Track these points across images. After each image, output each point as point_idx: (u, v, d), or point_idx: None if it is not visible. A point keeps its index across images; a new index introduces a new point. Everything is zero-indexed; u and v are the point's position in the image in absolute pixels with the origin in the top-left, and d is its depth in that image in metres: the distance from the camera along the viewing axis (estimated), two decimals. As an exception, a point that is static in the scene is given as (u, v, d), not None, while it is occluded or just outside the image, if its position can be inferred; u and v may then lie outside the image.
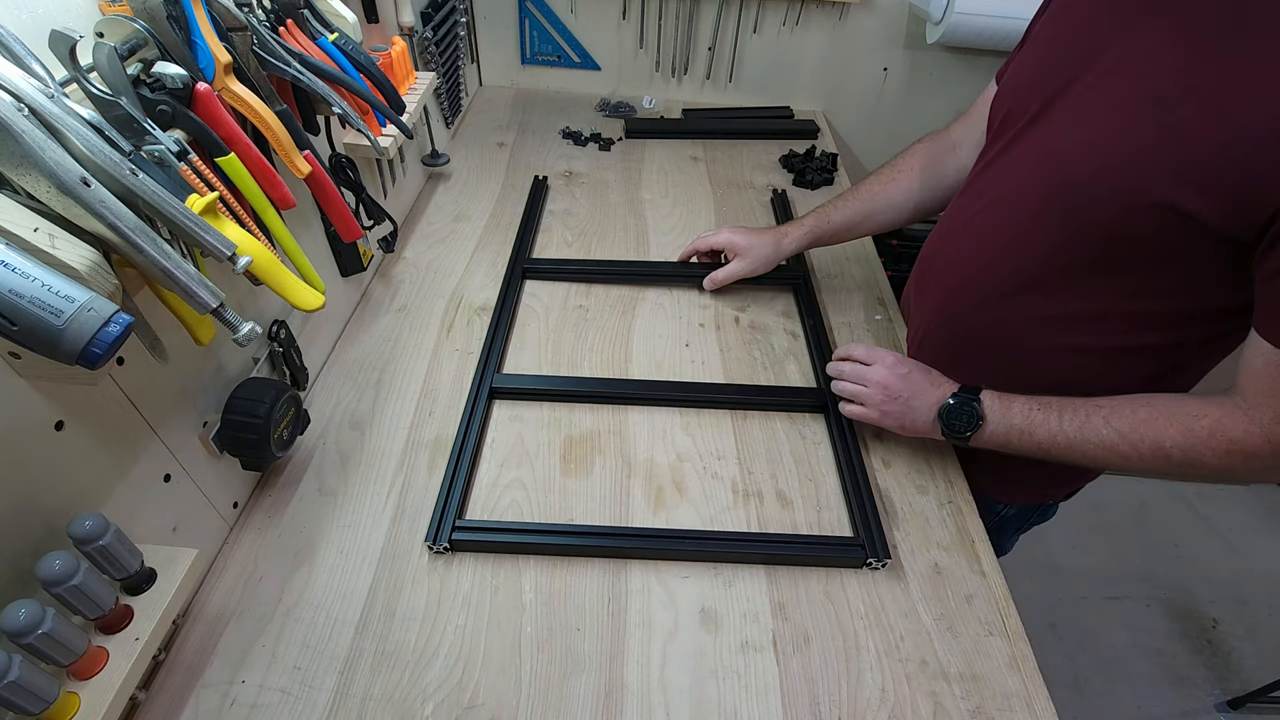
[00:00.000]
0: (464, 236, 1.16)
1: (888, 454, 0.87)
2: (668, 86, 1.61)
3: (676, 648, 0.67)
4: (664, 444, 0.86)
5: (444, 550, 0.73)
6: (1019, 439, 0.72)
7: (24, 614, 0.45)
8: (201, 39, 0.58)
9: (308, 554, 0.72)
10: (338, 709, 0.61)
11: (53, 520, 0.51)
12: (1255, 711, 1.63)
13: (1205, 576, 1.90)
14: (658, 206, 1.27)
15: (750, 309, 1.07)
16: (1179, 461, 0.64)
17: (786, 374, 0.97)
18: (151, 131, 0.51)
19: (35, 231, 0.43)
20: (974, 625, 0.71)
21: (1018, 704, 0.65)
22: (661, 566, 0.74)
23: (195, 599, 0.68)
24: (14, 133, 0.41)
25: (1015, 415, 0.72)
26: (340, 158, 0.89)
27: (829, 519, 0.79)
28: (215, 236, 0.50)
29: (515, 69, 1.61)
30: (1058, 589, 1.84)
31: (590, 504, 0.79)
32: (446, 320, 1.00)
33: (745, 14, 1.49)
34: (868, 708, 0.64)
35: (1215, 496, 2.10)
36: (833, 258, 1.18)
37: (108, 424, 0.56)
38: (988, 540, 0.79)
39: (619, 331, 1.01)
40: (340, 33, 0.79)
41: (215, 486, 0.70)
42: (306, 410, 0.78)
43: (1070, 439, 0.69)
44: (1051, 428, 0.70)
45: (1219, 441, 0.62)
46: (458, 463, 0.79)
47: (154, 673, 0.62)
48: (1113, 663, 1.70)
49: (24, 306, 0.41)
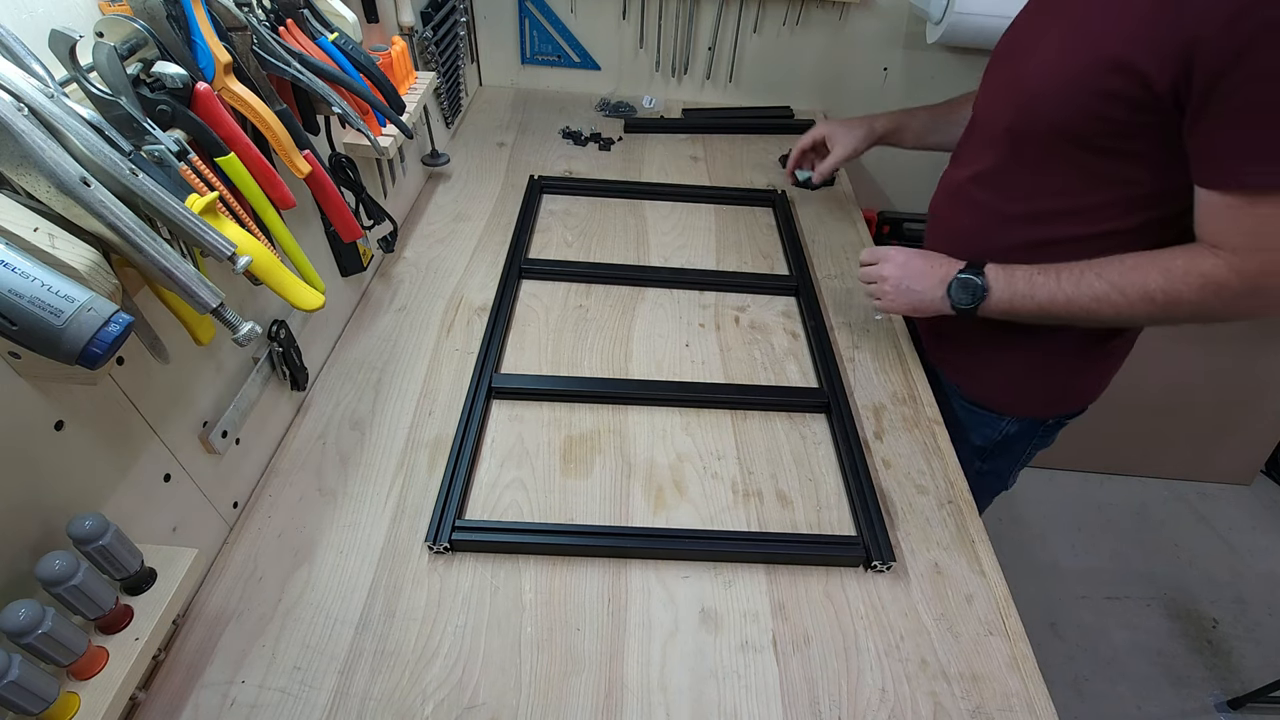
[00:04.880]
0: (464, 236, 1.16)
1: (888, 454, 0.87)
2: (668, 86, 1.61)
3: (676, 648, 0.67)
4: (664, 444, 0.86)
5: (444, 550, 0.73)
6: (1022, 302, 0.80)
7: (24, 614, 0.45)
8: (201, 39, 0.58)
9: (308, 554, 0.72)
10: (337, 709, 0.61)
11: (52, 520, 0.51)
12: (1255, 711, 1.63)
13: (1205, 576, 1.90)
14: (657, 207, 1.27)
15: (750, 309, 1.07)
16: (1162, 302, 0.72)
17: (786, 374, 0.97)
18: (151, 131, 0.51)
19: (35, 231, 0.43)
20: (974, 625, 0.71)
21: (1018, 704, 0.65)
22: (661, 566, 0.74)
23: (195, 599, 0.68)
24: (14, 133, 0.41)
25: (1018, 281, 0.80)
26: (340, 158, 0.89)
27: (829, 519, 0.79)
28: (215, 236, 0.50)
29: (515, 69, 1.61)
30: (1058, 589, 1.84)
31: (590, 504, 0.79)
32: (446, 320, 1.00)
33: (745, 14, 1.49)
34: (868, 708, 0.64)
35: (1215, 496, 2.10)
36: (833, 257, 1.19)
37: (108, 424, 0.56)
38: (988, 540, 0.79)
39: (619, 331, 1.01)
40: (340, 32, 0.79)
41: (215, 486, 0.70)
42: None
43: (1068, 295, 0.77)
44: (1051, 287, 0.78)
45: (1193, 277, 0.70)
46: (457, 462, 0.79)
47: (154, 673, 0.62)
48: (1113, 663, 1.70)
49: (24, 306, 0.41)
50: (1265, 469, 2.15)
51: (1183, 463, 2.08)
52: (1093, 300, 0.75)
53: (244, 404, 0.73)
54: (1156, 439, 2.02)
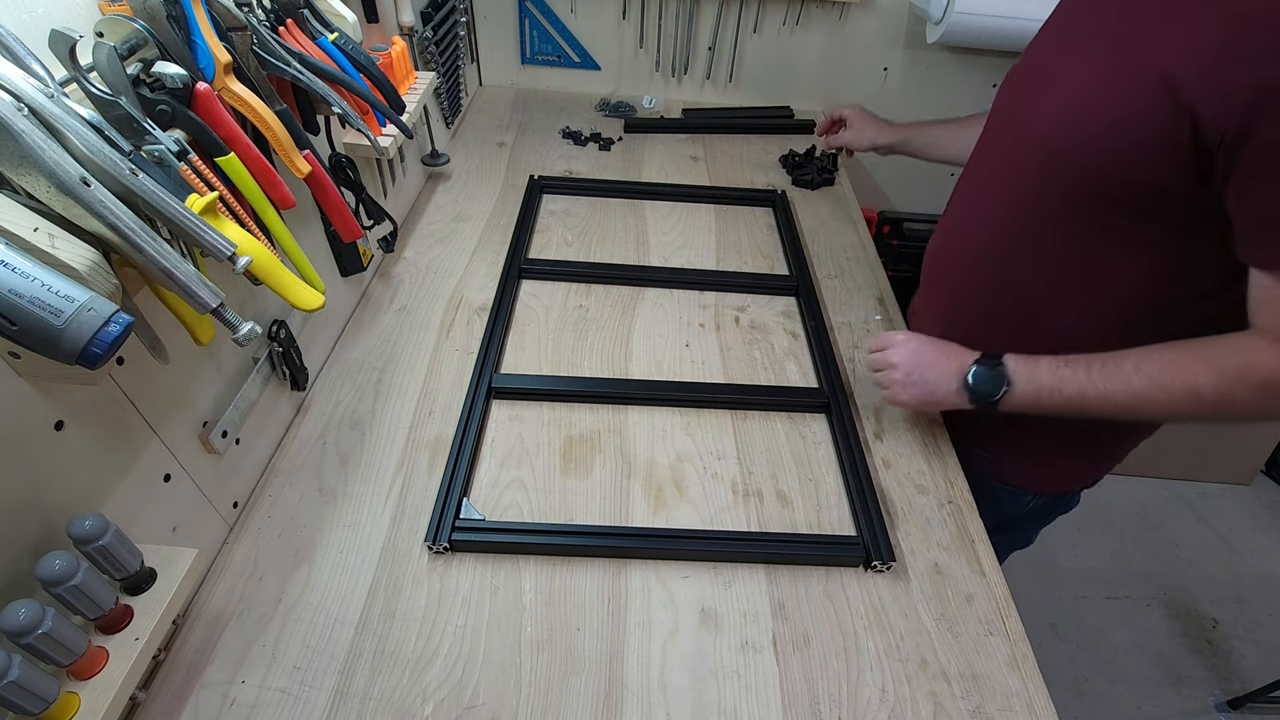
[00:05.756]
0: (464, 236, 1.16)
1: (888, 454, 0.87)
2: (668, 86, 1.61)
3: (676, 648, 0.67)
4: (664, 444, 0.86)
5: (444, 550, 0.73)
6: (1049, 397, 0.72)
7: (24, 614, 0.45)
8: (201, 39, 0.58)
9: (308, 554, 0.72)
10: (337, 709, 0.61)
11: (53, 520, 0.51)
12: (1255, 711, 1.63)
13: (1205, 576, 1.90)
14: (657, 207, 1.27)
15: (750, 309, 1.07)
16: (1211, 402, 0.64)
17: (786, 374, 0.97)
18: (151, 131, 0.51)
19: (35, 231, 0.43)
20: (974, 625, 0.71)
21: (1018, 704, 0.65)
22: (661, 566, 0.74)
23: (195, 599, 0.68)
24: (14, 133, 0.41)
25: (1043, 374, 0.72)
26: (340, 157, 0.89)
27: (829, 519, 0.79)
28: (215, 236, 0.50)
29: (515, 69, 1.61)
30: (1058, 589, 1.84)
31: (590, 504, 0.79)
32: (446, 320, 1.00)
33: (745, 14, 1.49)
34: (868, 708, 0.64)
35: (1215, 496, 2.10)
36: (833, 257, 1.19)
37: (108, 424, 0.56)
38: (988, 540, 0.79)
39: (619, 331, 1.01)
40: (340, 32, 0.79)
41: (215, 486, 0.70)
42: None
43: (1101, 391, 0.68)
44: (1081, 381, 0.69)
45: (1252, 377, 0.61)
46: (457, 462, 0.79)
47: (154, 673, 0.62)
48: (1113, 663, 1.70)
49: (24, 306, 0.41)
50: (1265, 469, 2.15)
51: (1183, 463, 2.08)
52: (1131, 398, 0.67)
53: (244, 404, 0.73)
54: (1156, 439, 2.00)
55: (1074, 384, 0.70)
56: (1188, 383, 0.64)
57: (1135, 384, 0.67)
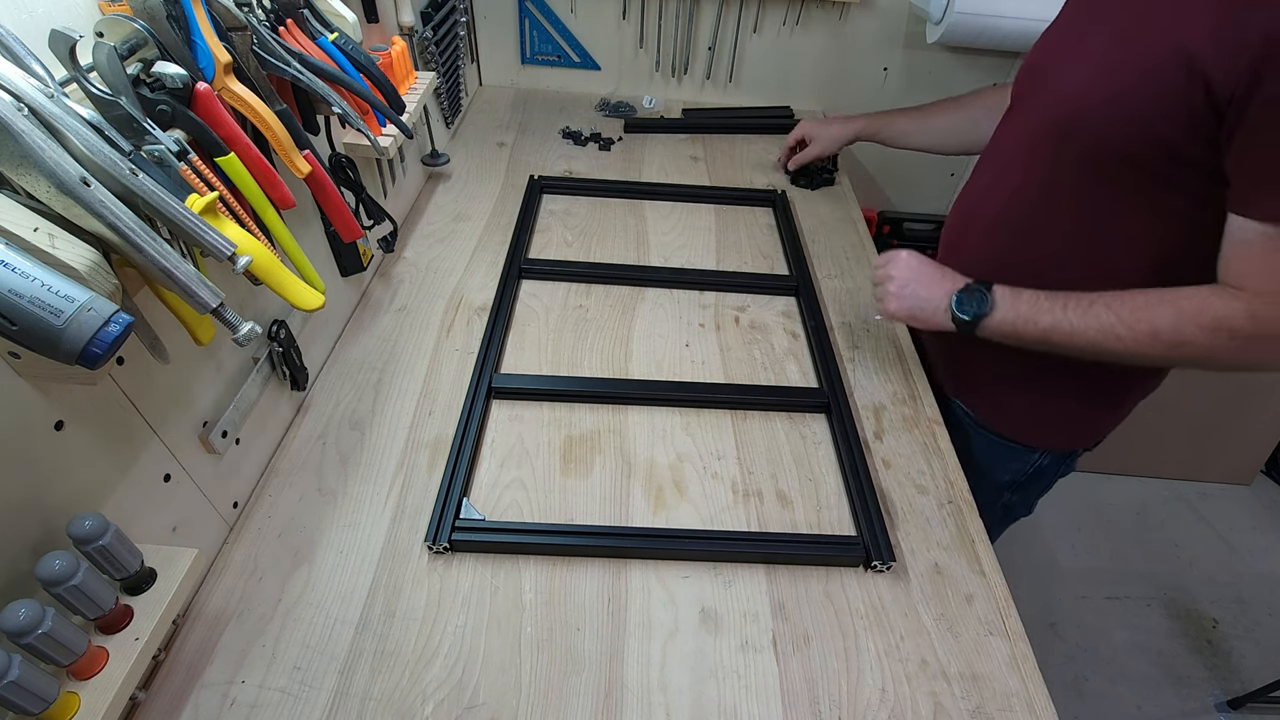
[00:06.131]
0: (464, 236, 1.16)
1: (888, 454, 0.87)
2: (668, 86, 1.61)
3: (676, 648, 0.67)
4: (664, 444, 0.86)
5: (444, 550, 0.73)
6: (1025, 326, 0.76)
7: (24, 614, 0.45)
8: (201, 39, 0.58)
9: (308, 554, 0.72)
10: (337, 709, 0.61)
11: (53, 520, 0.51)
12: (1255, 711, 1.63)
13: (1205, 576, 1.90)
14: (657, 207, 1.27)
15: (750, 309, 1.07)
16: (1168, 341, 0.68)
17: (786, 374, 0.97)
18: (151, 131, 0.51)
19: (35, 231, 0.43)
20: (974, 625, 0.71)
21: (1018, 704, 0.65)
22: (661, 566, 0.74)
23: (195, 599, 0.68)
24: (14, 133, 0.41)
25: (1023, 304, 0.76)
26: (340, 157, 0.89)
27: (829, 519, 0.79)
28: (215, 236, 0.50)
29: (515, 69, 1.61)
30: (1058, 589, 1.84)
31: (590, 504, 0.79)
32: (446, 320, 1.00)
33: (745, 14, 1.49)
34: (868, 708, 0.64)
35: (1215, 496, 2.10)
36: (833, 257, 1.19)
37: (108, 424, 0.56)
38: (988, 540, 0.79)
39: (619, 331, 1.01)
40: (340, 32, 0.79)
41: (215, 486, 0.70)
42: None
43: (1073, 325, 0.73)
44: (1056, 314, 0.74)
45: (1205, 318, 0.65)
46: (457, 462, 0.79)
47: (154, 673, 0.62)
48: (1113, 663, 1.70)
49: (24, 306, 0.41)
50: (1265, 469, 2.15)
51: (1183, 463, 2.08)
52: (1098, 333, 0.71)
53: (244, 404, 0.73)
54: (1156, 439, 2.02)
55: (1049, 316, 0.74)
56: (1150, 322, 0.68)
57: (1104, 320, 0.71)
